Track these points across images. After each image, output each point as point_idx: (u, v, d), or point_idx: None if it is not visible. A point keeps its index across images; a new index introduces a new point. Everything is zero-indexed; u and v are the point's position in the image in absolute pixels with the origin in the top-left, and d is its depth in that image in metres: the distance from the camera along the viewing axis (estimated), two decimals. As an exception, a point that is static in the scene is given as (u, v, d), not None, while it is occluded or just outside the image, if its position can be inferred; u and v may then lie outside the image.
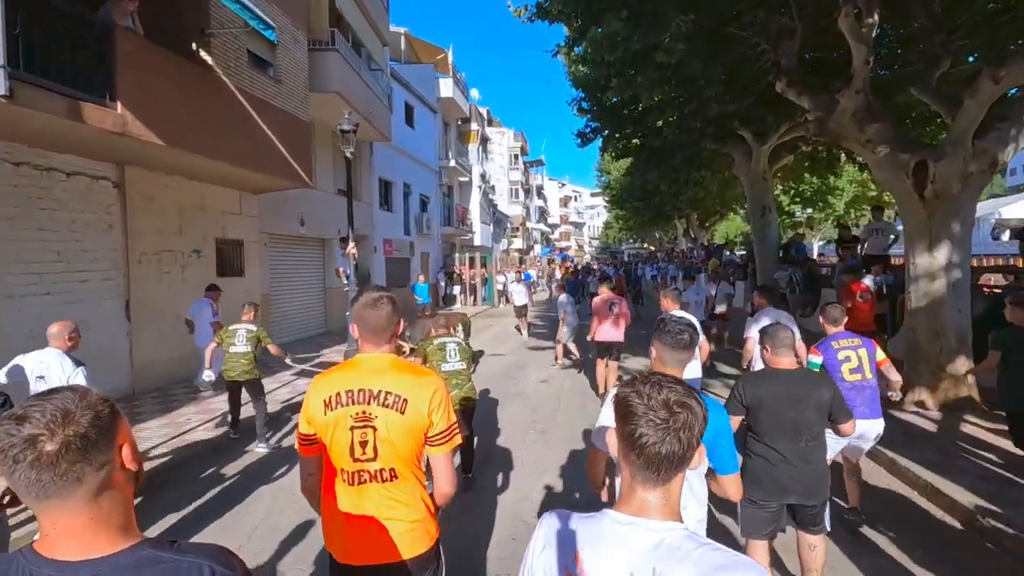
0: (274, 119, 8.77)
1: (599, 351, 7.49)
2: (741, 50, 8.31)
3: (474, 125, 28.40)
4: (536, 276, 30.11)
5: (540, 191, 61.69)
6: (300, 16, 10.05)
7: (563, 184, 79.70)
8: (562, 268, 27.75)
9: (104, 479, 0.89)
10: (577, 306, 14.95)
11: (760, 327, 3.38)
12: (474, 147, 28.88)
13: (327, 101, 11.48)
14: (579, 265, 35.87)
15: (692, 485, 2.20)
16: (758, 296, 5.76)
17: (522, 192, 45.34)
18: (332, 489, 1.77)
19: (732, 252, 26.14)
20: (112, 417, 0.92)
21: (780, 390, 2.77)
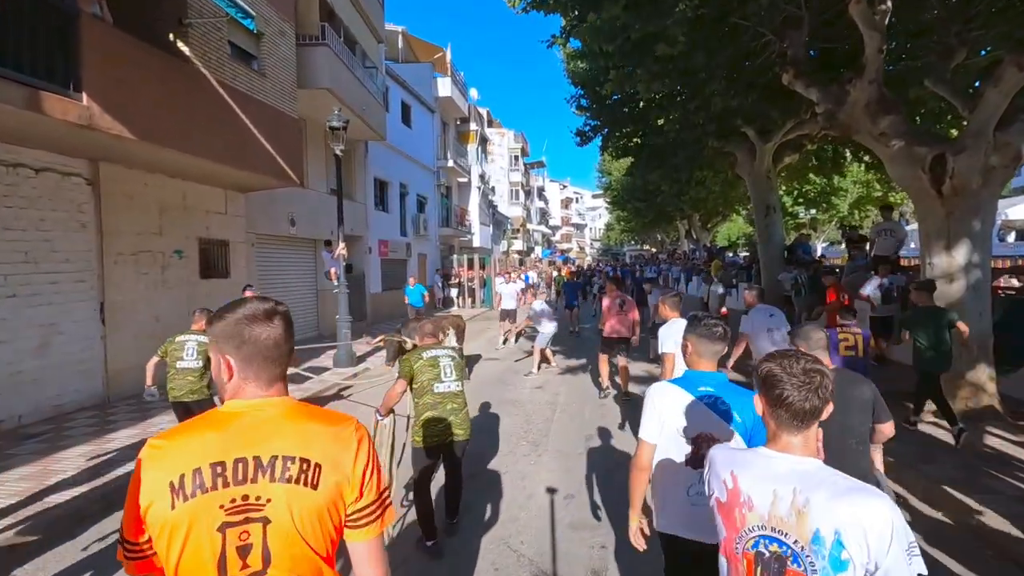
0: (259, 114, 8.43)
1: (603, 346, 7.61)
2: (745, 42, 7.94)
3: (473, 125, 28.06)
4: (536, 278, 29.72)
5: (541, 193, 61.36)
6: (287, 9, 9.71)
7: (564, 186, 79.35)
8: (566, 271, 27.32)
9: None
10: (574, 309, 14.56)
11: (752, 323, 3.27)
12: (473, 147, 28.53)
13: (318, 98, 11.15)
14: (583, 267, 35.51)
15: None
16: (748, 293, 5.94)
17: (522, 193, 45.03)
18: None
19: (735, 254, 25.73)
20: None
21: None
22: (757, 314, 5.59)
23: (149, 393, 5.00)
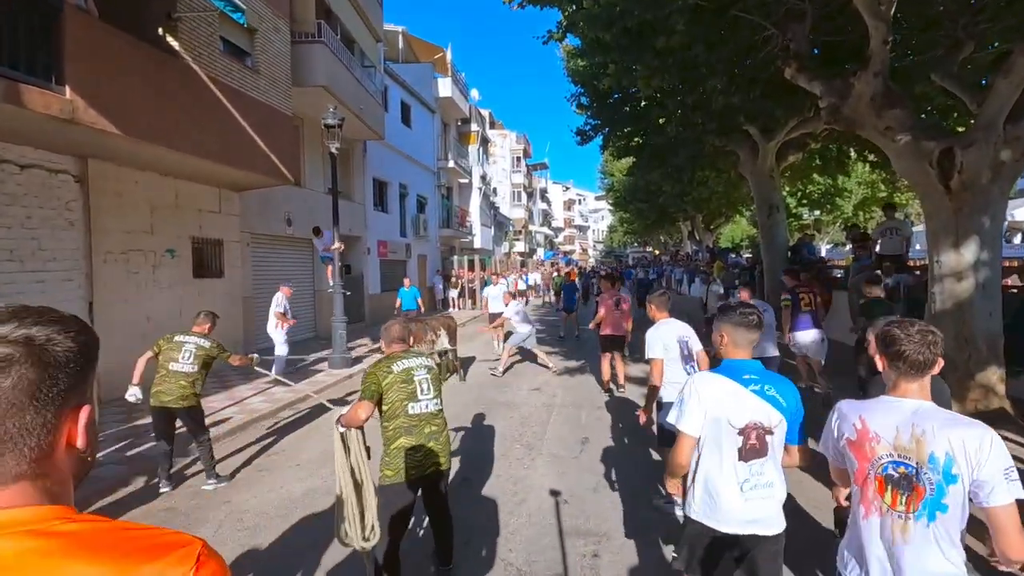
0: (252, 111, 8.30)
1: (604, 346, 7.74)
2: (746, 36, 7.77)
3: (474, 126, 27.93)
4: (538, 280, 29.53)
5: (544, 194, 61.21)
6: (282, 5, 9.59)
7: (567, 187, 79.17)
8: (571, 273, 27.12)
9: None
10: (572, 312, 14.06)
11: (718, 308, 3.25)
12: (474, 148, 28.40)
13: (314, 96, 11.02)
14: (585, 268, 35.31)
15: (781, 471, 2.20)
16: (742, 289, 6.42)
17: (525, 195, 44.88)
18: None
19: (739, 255, 25.50)
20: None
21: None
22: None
23: (132, 393, 4.70)
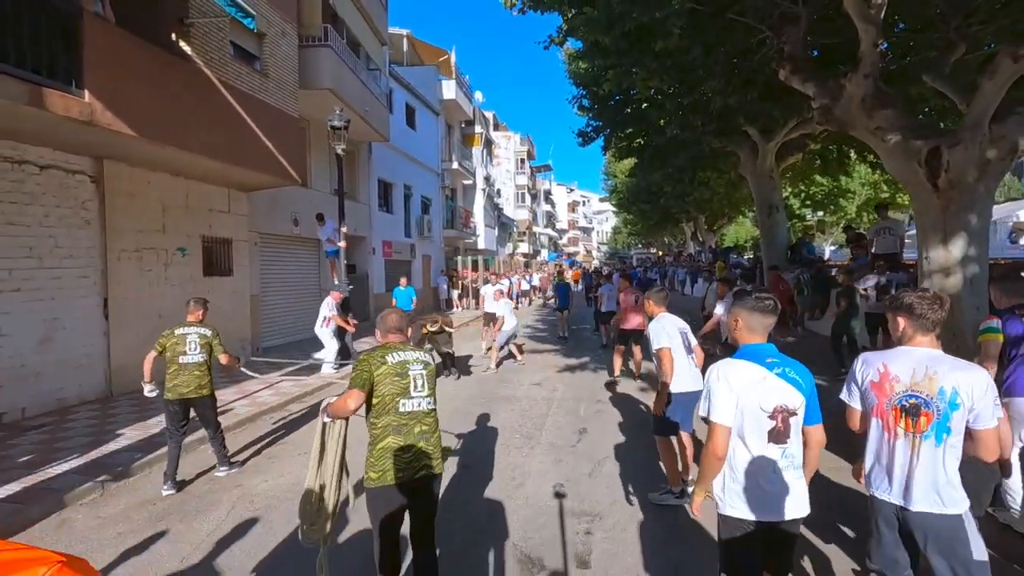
0: (260, 114, 8.53)
1: (621, 338, 8.59)
2: (742, 39, 7.94)
3: (478, 128, 28.18)
4: (541, 281, 29.72)
5: (548, 196, 61.40)
6: (290, 10, 9.83)
7: (571, 189, 79.38)
8: (573, 273, 27.33)
9: None
10: (564, 311, 14.10)
11: (726, 308, 3.36)
12: (478, 150, 28.63)
13: (320, 98, 11.25)
14: (588, 270, 35.41)
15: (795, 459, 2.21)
16: (720, 285, 7.29)
17: (528, 196, 45.09)
18: None
19: (740, 255, 25.61)
20: None
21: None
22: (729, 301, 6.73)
23: (149, 390, 4.80)
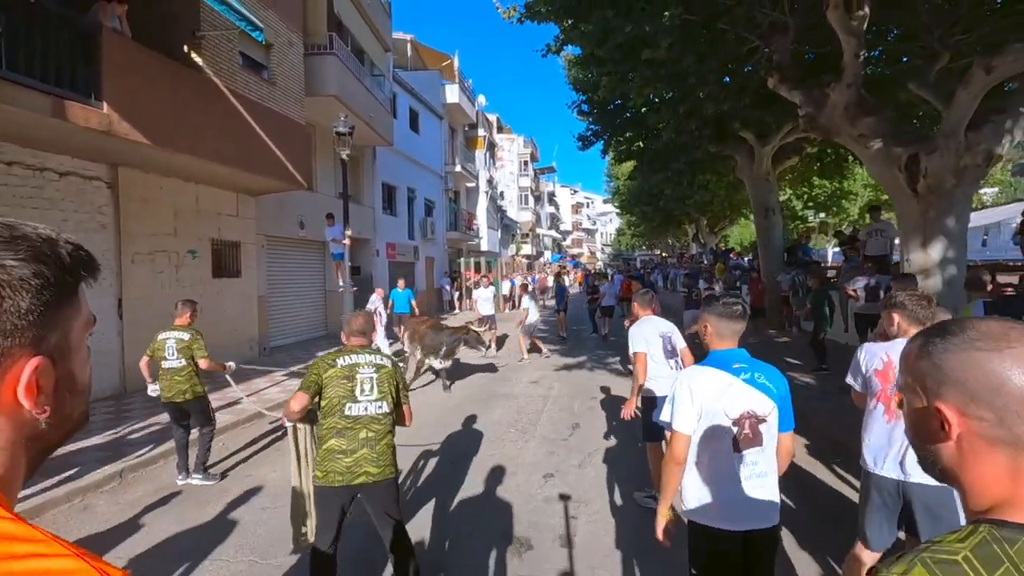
0: (268, 121, 8.84)
1: None
2: (733, 48, 8.20)
3: (481, 131, 28.51)
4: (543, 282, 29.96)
5: (552, 197, 61.65)
6: (296, 20, 10.16)
7: (575, 191, 79.58)
8: (578, 275, 27.74)
9: None
10: (562, 313, 14.59)
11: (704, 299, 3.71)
12: (481, 153, 28.96)
13: (325, 105, 11.56)
14: (590, 271, 35.62)
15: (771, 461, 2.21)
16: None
17: (532, 198, 45.35)
18: None
19: (740, 256, 25.79)
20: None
21: None
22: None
23: (152, 390, 4.96)
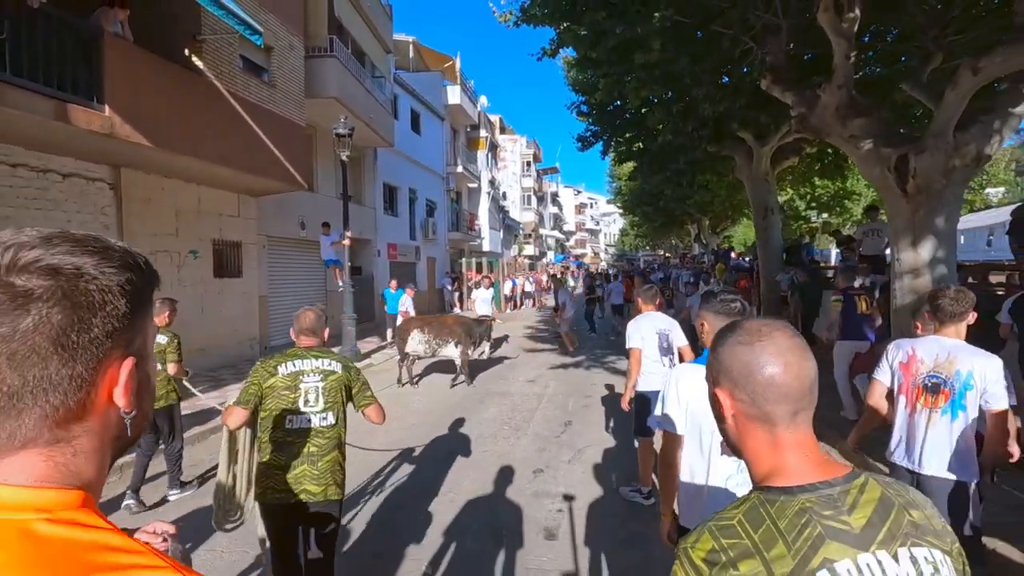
0: (268, 123, 8.96)
1: None
2: (727, 49, 8.26)
3: (483, 132, 28.61)
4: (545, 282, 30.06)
5: (555, 198, 61.70)
6: (297, 23, 10.29)
7: (579, 191, 79.62)
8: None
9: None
10: (559, 310, 14.65)
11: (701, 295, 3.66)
12: (483, 154, 29.07)
13: (326, 106, 11.69)
14: (592, 271, 35.63)
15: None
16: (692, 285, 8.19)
17: (535, 199, 45.43)
18: None
19: (741, 257, 25.81)
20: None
21: None
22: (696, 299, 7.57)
23: None
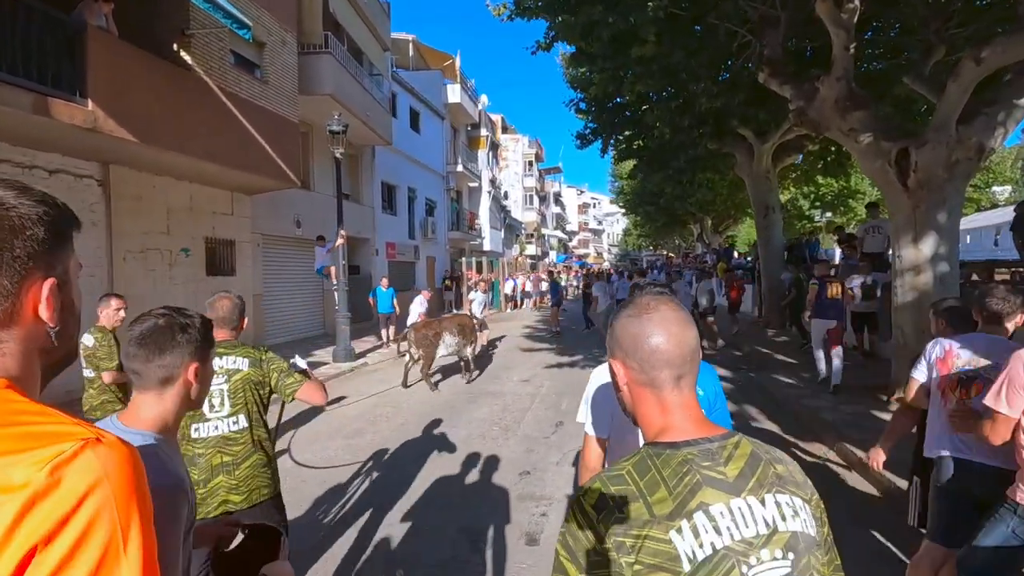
0: (260, 119, 8.86)
1: None
2: (724, 42, 8.11)
3: (484, 131, 28.49)
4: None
5: (558, 198, 61.51)
6: (290, 20, 10.19)
7: (582, 191, 79.38)
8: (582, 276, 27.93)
9: None
10: (556, 308, 14.74)
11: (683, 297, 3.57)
12: (483, 153, 28.95)
13: (321, 104, 11.59)
14: (591, 271, 35.41)
15: None
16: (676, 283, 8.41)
17: (537, 199, 45.28)
18: None
19: (744, 256, 25.60)
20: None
21: None
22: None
23: None
